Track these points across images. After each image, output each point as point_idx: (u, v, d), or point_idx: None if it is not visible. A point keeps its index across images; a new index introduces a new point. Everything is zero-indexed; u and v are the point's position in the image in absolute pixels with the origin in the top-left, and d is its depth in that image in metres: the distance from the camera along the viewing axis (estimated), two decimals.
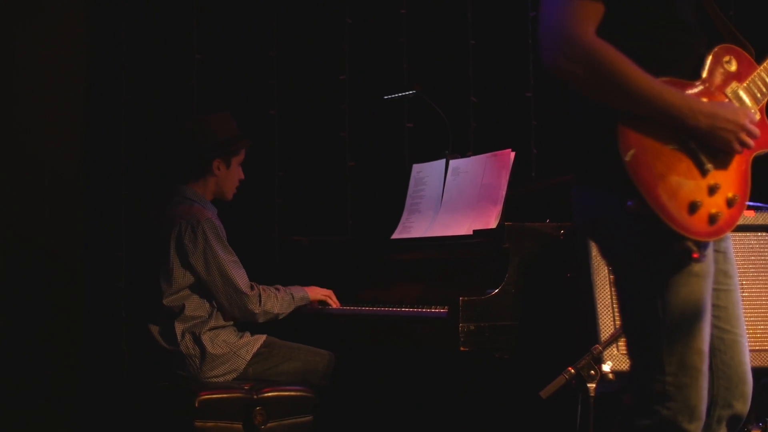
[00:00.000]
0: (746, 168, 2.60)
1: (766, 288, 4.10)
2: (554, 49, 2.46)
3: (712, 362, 2.65)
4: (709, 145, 2.50)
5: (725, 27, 2.77)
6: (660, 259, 2.48)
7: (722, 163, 2.54)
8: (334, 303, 4.40)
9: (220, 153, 4.19)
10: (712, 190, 2.50)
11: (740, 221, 3.97)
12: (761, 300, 4.07)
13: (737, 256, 4.03)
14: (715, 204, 2.50)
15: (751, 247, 4.16)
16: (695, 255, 2.43)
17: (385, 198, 4.80)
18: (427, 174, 4.50)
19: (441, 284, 4.13)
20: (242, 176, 4.30)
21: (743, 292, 4.02)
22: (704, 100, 2.53)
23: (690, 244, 2.42)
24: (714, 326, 2.65)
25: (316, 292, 4.36)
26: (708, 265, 2.55)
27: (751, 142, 2.53)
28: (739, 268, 4.01)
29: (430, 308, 3.92)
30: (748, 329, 3.90)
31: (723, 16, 2.76)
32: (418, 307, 4.02)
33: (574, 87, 2.50)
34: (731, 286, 2.78)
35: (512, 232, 3.79)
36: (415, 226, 4.41)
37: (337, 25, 5.39)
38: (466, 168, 4.29)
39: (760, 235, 4.17)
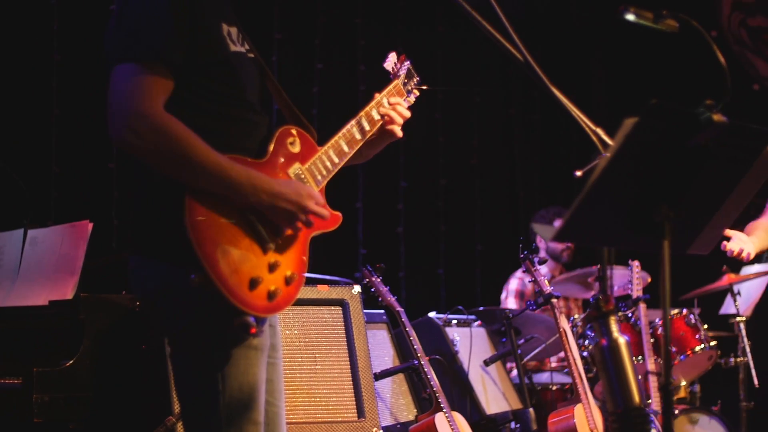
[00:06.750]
0: (304, 248, 2.69)
1: (338, 361, 4.26)
2: (121, 123, 2.48)
3: None
4: (272, 222, 2.57)
5: (289, 109, 2.87)
6: (220, 333, 2.53)
7: (283, 242, 2.61)
8: None
9: None
10: (272, 267, 2.56)
11: (314, 295, 4.24)
12: (333, 372, 4.22)
13: (312, 329, 4.27)
14: (274, 281, 2.56)
15: (324, 321, 4.30)
16: (253, 330, 2.49)
17: None
18: (4, 243, 4.44)
19: (17, 355, 4.10)
20: None
21: (317, 366, 4.25)
22: (269, 178, 2.57)
23: (249, 319, 2.47)
24: None
25: None
26: (265, 338, 2.64)
27: (312, 221, 2.63)
28: (312, 342, 4.25)
29: (5, 379, 3.88)
30: (321, 401, 4.16)
31: (287, 98, 2.87)
32: None
33: (142, 160, 2.53)
34: (277, 359, 2.83)
35: (87, 304, 3.85)
36: None
37: None
38: (43, 238, 4.30)
39: (333, 309, 4.35)
